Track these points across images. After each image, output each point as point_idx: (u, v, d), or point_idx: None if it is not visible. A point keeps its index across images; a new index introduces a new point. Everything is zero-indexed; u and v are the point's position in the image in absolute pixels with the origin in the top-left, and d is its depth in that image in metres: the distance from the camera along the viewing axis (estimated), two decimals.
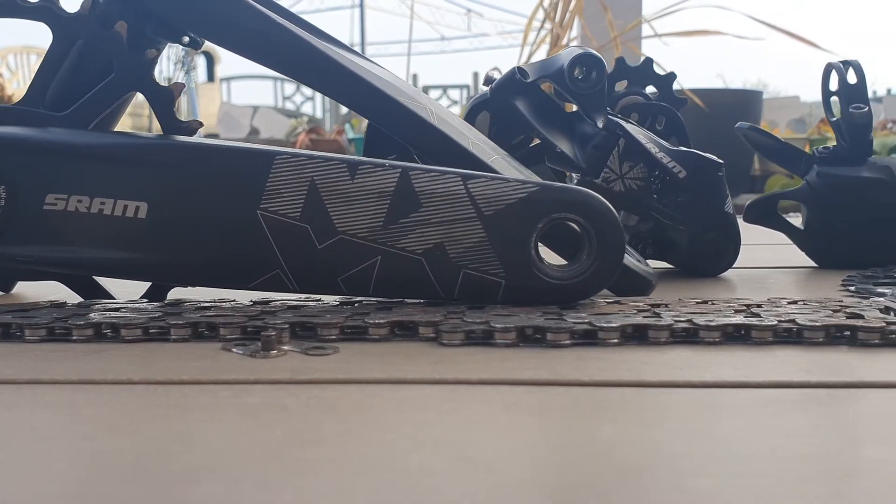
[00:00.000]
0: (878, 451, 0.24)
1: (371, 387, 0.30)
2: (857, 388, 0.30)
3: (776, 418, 0.27)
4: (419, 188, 0.41)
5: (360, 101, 0.45)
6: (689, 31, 1.84)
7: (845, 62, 0.60)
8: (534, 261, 0.41)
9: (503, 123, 0.58)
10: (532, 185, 0.41)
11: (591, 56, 0.56)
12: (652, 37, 1.98)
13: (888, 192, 0.59)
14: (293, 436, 0.25)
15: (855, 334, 0.36)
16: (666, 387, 0.30)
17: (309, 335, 0.38)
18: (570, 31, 1.94)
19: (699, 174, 0.53)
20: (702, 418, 0.27)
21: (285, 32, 0.45)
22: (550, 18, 1.96)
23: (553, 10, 1.95)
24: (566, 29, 1.90)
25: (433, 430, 0.25)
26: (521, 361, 0.34)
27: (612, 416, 0.27)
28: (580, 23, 1.99)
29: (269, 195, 0.41)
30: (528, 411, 0.28)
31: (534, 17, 2.01)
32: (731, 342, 0.37)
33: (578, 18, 1.86)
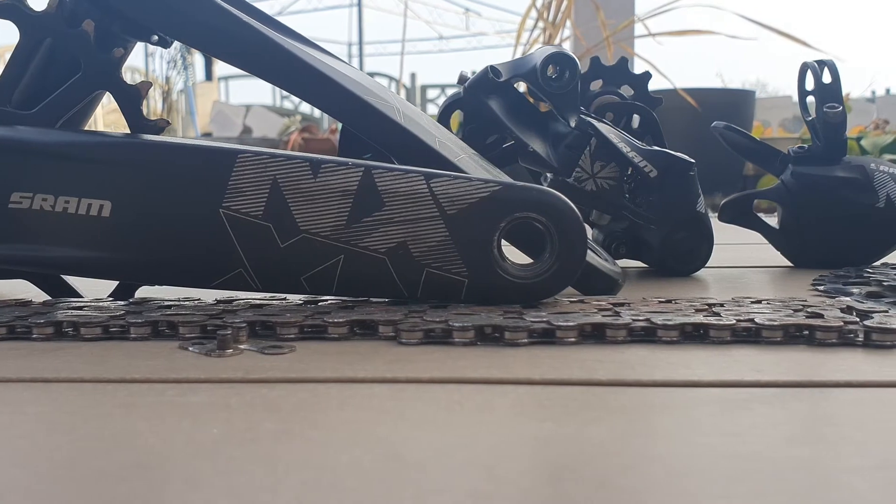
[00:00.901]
0: (811, 450, 0.24)
1: (320, 386, 0.30)
2: (804, 388, 0.30)
3: (717, 417, 0.27)
4: (382, 187, 0.41)
5: (327, 100, 0.45)
6: (682, 31, 1.84)
7: (820, 62, 0.60)
8: (496, 260, 0.41)
9: (476, 122, 0.58)
10: (495, 184, 0.41)
11: (563, 55, 0.56)
12: (644, 36, 1.98)
13: (862, 192, 0.59)
14: (229, 434, 0.25)
15: (813, 334, 0.36)
16: (614, 385, 0.30)
17: (268, 334, 0.38)
18: (562, 31, 1.94)
19: (670, 173, 0.53)
20: (643, 417, 0.27)
21: (251, 31, 0.45)
22: (543, 18, 1.96)
23: (546, 10, 1.95)
24: (559, 28, 1.91)
25: (371, 429, 0.25)
26: (475, 360, 0.34)
27: (552, 414, 0.27)
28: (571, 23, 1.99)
29: (231, 194, 0.41)
30: (471, 410, 0.28)
31: (527, 16, 2.01)
32: (690, 341, 0.37)
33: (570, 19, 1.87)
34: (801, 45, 1.78)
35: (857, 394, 0.29)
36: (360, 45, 5.93)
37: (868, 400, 0.29)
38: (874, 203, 0.59)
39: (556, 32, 1.91)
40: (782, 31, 1.79)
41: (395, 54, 7.02)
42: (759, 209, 0.65)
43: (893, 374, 0.31)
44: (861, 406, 0.28)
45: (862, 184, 0.59)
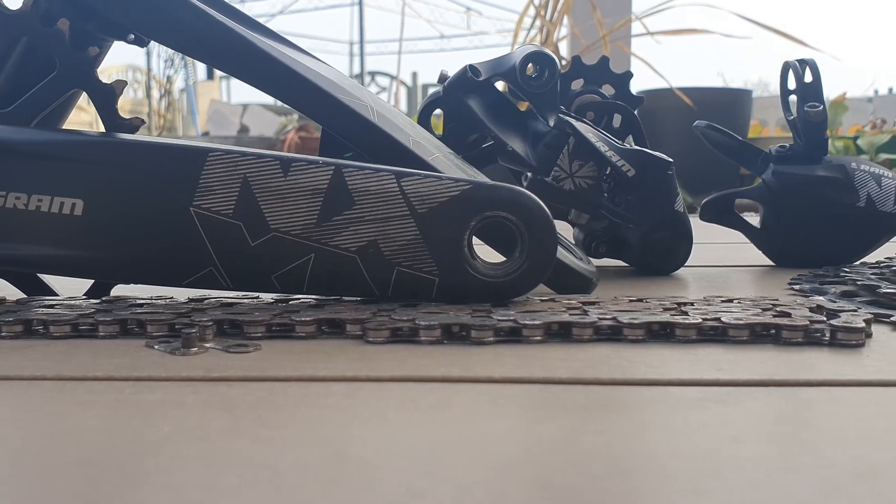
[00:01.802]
0: (755, 449, 0.24)
1: (277, 384, 0.30)
2: (763, 387, 0.30)
3: (670, 416, 0.27)
4: (352, 186, 0.41)
5: (300, 98, 0.45)
6: (677, 30, 1.83)
7: (802, 61, 0.60)
8: (467, 258, 0.41)
9: (456, 121, 0.58)
10: (465, 182, 0.41)
11: (542, 54, 0.56)
12: (641, 35, 1.98)
13: (843, 191, 0.59)
14: (178, 432, 0.25)
15: (779, 333, 0.36)
16: (573, 384, 0.30)
17: (236, 333, 0.38)
18: (559, 30, 1.94)
19: (648, 173, 0.53)
20: (595, 416, 0.27)
21: (225, 30, 0.45)
22: (541, 17, 1.96)
23: (543, 9, 1.95)
24: (555, 27, 1.91)
25: (320, 427, 0.25)
26: (439, 359, 0.34)
27: (506, 412, 0.27)
28: (569, 21, 1.99)
29: (201, 192, 0.41)
30: (425, 408, 0.28)
31: (524, 15, 2.01)
32: (656, 340, 0.37)
33: (567, 17, 1.86)
34: (797, 43, 1.77)
35: (814, 393, 0.29)
36: (361, 44, 5.93)
37: (823, 399, 0.29)
38: (855, 202, 0.59)
39: (554, 31, 1.91)
40: (778, 30, 1.79)
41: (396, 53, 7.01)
42: (741, 208, 0.65)
43: (853, 372, 0.31)
44: (816, 405, 0.28)
45: (843, 183, 0.59)
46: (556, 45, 1.88)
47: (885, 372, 0.32)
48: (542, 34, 1.97)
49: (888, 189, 0.59)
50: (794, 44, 1.84)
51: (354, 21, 5.79)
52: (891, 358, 0.34)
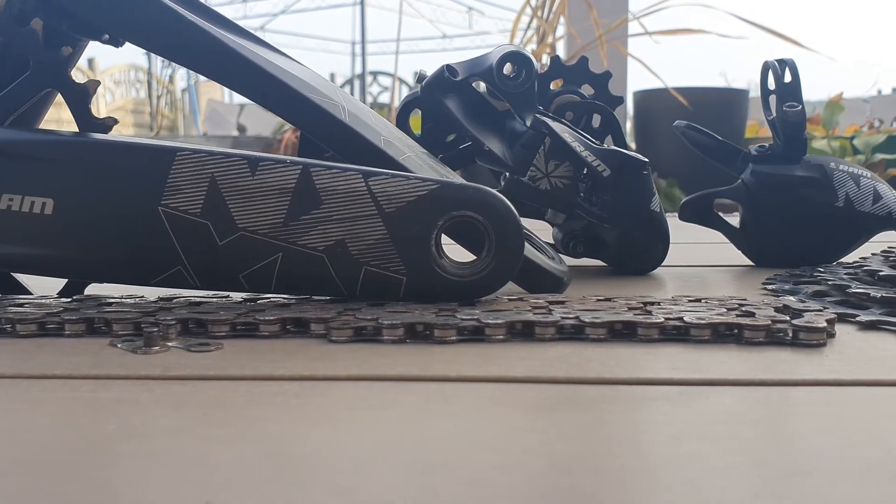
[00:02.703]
0: (690, 448, 0.24)
1: (231, 383, 0.30)
2: (716, 386, 0.30)
3: (616, 415, 0.27)
4: (320, 185, 0.41)
5: (270, 98, 0.46)
6: (673, 30, 1.83)
7: (781, 61, 0.60)
8: (434, 258, 0.41)
9: (434, 121, 0.58)
10: (432, 182, 0.41)
11: (519, 54, 0.56)
12: (638, 35, 1.98)
13: (821, 191, 0.59)
14: (124, 430, 0.25)
15: (741, 333, 0.36)
16: (526, 382, 0.30)
17: (201, 331, 0.39)
18: (555, 30, 1.94)
19: (623, 172, 0.53)
20: (542, 414, 0.27)
21: (197, 31, 0.45)
22: (537, 17, 1.96)
23: (540, 9, 1.95)
24: (552, 27, 1.91)
25: (263, 426, 0.26)
26: (399, 358, 0.34)
27: (454, 410, 0.27)
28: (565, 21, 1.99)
29: (170, 191, 0.41)
30: (374, 406, 0.28)
31: (521, 15, 2.01)
32: (617, 339, 0.37)
33: (563, 17, 1.87)
34: (792, 44, 1.77)
35: (765, 392, 0.29)
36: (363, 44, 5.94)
37: (773, 399, 0.29)
38: (833, 202, 0.59)
39: (550, 31, 1.91)
40: (773, 31, 1.79)
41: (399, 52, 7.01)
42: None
43: (809, 372, 0.32)
44: (764, 405, 0.28)
45: (821, 183, 0.59)
46: (552, 45, 1.88)
47: (841, 372, 0.32)
48: (539, 34, 1.97)
49: (866, 189, 0.59)
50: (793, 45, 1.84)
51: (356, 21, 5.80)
52: (850, 358, 0.34)
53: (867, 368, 0.32)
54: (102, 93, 4.71)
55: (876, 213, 0.59)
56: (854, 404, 0.28)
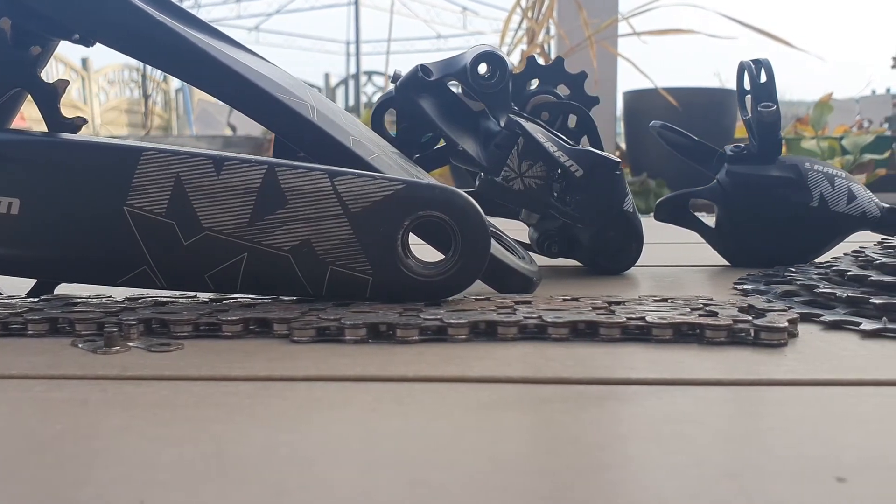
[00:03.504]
0: (635, 448, 0.24)
1: (185, 383, 0.30)
2: (669, 386, 0.30)
3: (564, 414, 0.27)
4: (285, 185, 0.41)
5: (238, 97, 0.45)
6: (663, 30, 1.84)
7: (756, 61, 0.60)
8: (400, 257, 0.41)
9: (408, 121, 0.58)
10: (398, 182, 0.41)
11: (493, 54, 0.56)
12: (628, 35, 1.98)
13: (796, 191, 0.59)
14: (70, 430, 0.25)
15: (703, 332, 0.36)
16: (482, 382, 0.30)
17: (164, 331, 0.38)
18: (544, 30, 1.94)
19: (596, 173, 0.53)
20: (492, 414, 0.27)
21: (165, 30, 0.45)
22: (527, 17, 1.96)
23: (530, 10, 1.96)
24: (541, 27, 1.91)
25: (210, 426, 0.26)
26: (358, 358, 0.34)
27: (406, 410, 0.27)
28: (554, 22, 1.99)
29: (135, 191, 0.41)
30: (325, 407, 0.28)
31: (511, 15, 2.01)
32: (580, 339, 0.37)
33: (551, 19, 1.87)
34: (782, 44, 1.77)
35: (718, 392, 0.29)
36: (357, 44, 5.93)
37: (725, 398, 0.29)
38: (808, 202, 0.59)
39: (539, 31, 1.91)
40: (764, 31, 1.79)
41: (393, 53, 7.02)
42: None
43: (766, 372, 0.32)
44: (714, 404, 0.28)
45: (796, 183, 0.59)
46: (541, 45, 1.88)
47: (797, 371, 0.32)
48: (529, 35, 1.97)
49: (841, 189, 0.59)
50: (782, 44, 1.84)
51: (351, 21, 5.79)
52: (809, 358, 0.34)
53: (824, 368, 0.32)
54: (97, 92, 4.71)
55: (850, 213, 0.59)
56: (806, 404, 0.28)
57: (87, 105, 4.60)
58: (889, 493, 0.20)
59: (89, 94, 4.62)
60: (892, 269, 0.44)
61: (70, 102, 4.47)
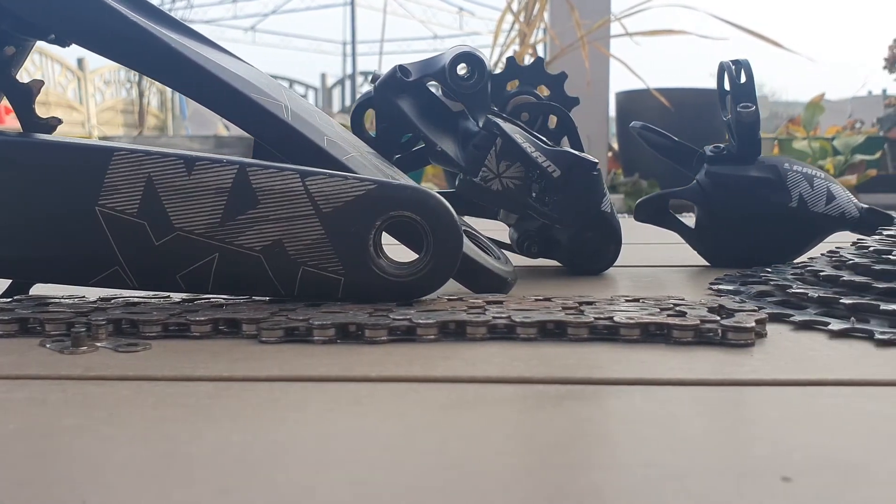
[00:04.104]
0: (580, 450, 0.24)
1: (146, 383, 0.30)
2: (628, 385, 0.30)
3: (518, 414, 0.27)
4: (256, 185, 0.41)
5: (211, 97, 0.45)
6: (655, 31, 1.84)
7: (736, 62, 0.60)
8: (372, 258, 0.41)
9: (387, 122, 0.58)
10: (370, 182, 0.41)
11: (471, 55, 0.56)
12: (620, 36, 1.98)
13: (775, 191, 0.59)
14: (23, 429, 0.25)
15: (670, 332, 0.36)
16: (444, 382, 0.30)
17: (134, 332, 0.38)
18: (536, 31, 1.95)
19: (573, 173, 0.53)
20: (445, 414, 0.27)
21: (138, 30, 0.45)
22: (518, 19, 1.96)
23: (522, 11, 1.96)
24: (532, 28, 1.91)
25: (164, 427, 0.26)
26: (324, 358, 0.34)
27: (362, 411, 0.27)
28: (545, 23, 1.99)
29: (107, 191, 0.41)
30: (283, 407, 0.28)
31: (503, 17, 2.01)
32: (547, 338, 0.37)
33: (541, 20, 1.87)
34: (773, 45, 1.78)
35: (678, 392, 0.29)
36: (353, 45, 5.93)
37: (683, 398, 0.29)
38: (787, 202, 0.59)
39: (531, 32, 1.91)
40: (755, 32, 1.79)
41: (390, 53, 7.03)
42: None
43: (729, 372, 0.32)
44: (668, 404, 0.28)
45: (775, 183, 0.59)
46: (533, 46, 1.88)
47: (760, 371, 0.32)
48: (521, 36, 1.97)
49: (820, 189, 0.59)
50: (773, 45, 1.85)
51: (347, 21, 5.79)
52: (774, 358, 0.34)
53: (788, 368, 0.32)
54: (93, 93, 4.70)
55: (829, 214, 0.59)
56: (763, 404, 0.28)
57: (82, 105, 4.60)
58: (831, 493, 0.20)
59: (85, 94, 4.62)
60: (865, 270, 0.44)
61: (66, 103, 4.47)
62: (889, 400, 0.29)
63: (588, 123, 2.25)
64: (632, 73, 1.83)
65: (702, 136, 0.66)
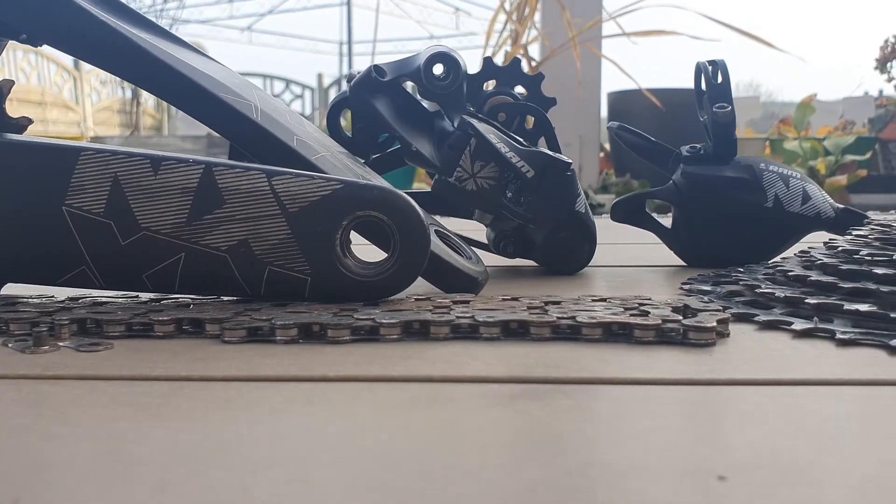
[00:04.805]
0: (523, 449, 0.24)
1: (104, 383, 0.30)
2: (581, 385, 0.30)
3: (464, 414, 0.27)
4: (222, 184, 0.41)
5: (180, 97, 0.46)
6: (646, 32, 1.84)
7: (712, 62, 0.61)
8: (339, 257, 0.41)
9: (364, 122, 0.58)
10: (336, 182, 0.41)
11: (446, 55, 0.56)
12: (612, 36, 1.98)
13: (750, 192, 0.59)
14: None
15: (632, 332, 0.36)
16: (401, 381, 0.30)
17: (98, 331, 0.38)
18: (528, 31, 1.95)
19: (547, 174, 0.53)
20: (394, 414, 0.27)
21: (108, 30, 0.45)
22: (510, 20, 1.97)
23: (514, 11, 1.96)
24: (524, 28, 1.91)
25: (111, 426, 0.26)
26: (284, 358, 0.34)
27: (312, 410, 0.27)
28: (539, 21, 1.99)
29: (73, 191, 0.41)
30: (234, 408, 0.28)
31: (496, 17, 2.01)
32: (511, 338, 0.37)
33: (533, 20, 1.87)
34: (765, 45, 1.78)
35: (630, 391, 0.29)
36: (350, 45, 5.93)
37: (636, 397, 0.29)
38: (762, 203, 0.59)
39: (522, 32, 1.92)
40: (747, 32, 1.80)
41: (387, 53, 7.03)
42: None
43: (685, 371, 0.32)
44: (623, 403, 0.28)
45: (750, 183, 0.59)
46: (524, 47, 1.88)
47: (716, 371, 0.32)
48: (513, 36, 1.97)
49: (796, 190, 0.60)
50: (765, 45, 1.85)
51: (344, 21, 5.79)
52: (733, 358, 0.34)
53: (745, 368, 0.32)
54: (88, 92, 4.70)
55: (805, 214, 0.60)
56: (715, 403, 0.29)
57: (78, 105, 4.60)
58: (763, 492, 0.20)
59: (81, 94, 4.61)
60: (833, 270, 0.44)
61: (62, 103, 4.47)
62: (841, 399, 0.29)
63: (580, 124, 2.25)
64: (623, 73, 1.83)
65: (693, 135, 0.66)
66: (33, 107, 4.53)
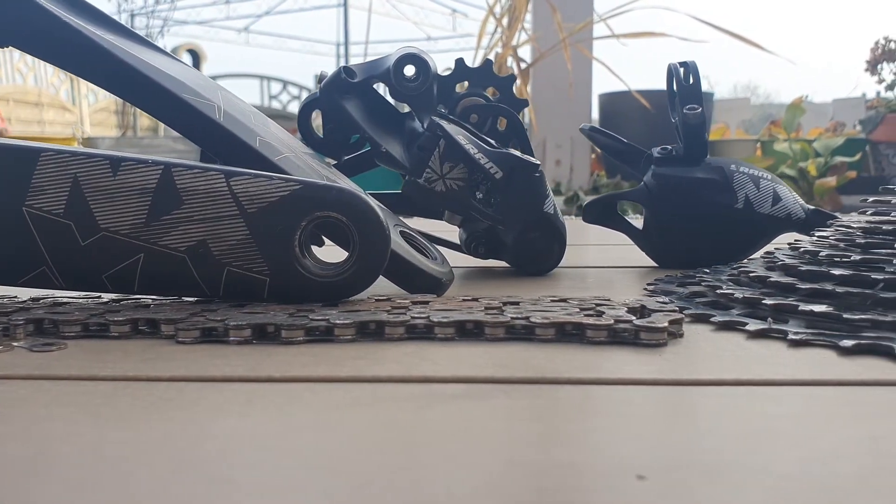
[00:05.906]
0: (475, 449, 0.24)
1: (50, 383, 0.31)
2: (532, 384, 0.30)
3: (409, 413, 0.27)
4: (181, 185, 0.41)
5: (142, 98, 0.46)
6: (636, 34, 1.84)
7: (683, 63, 0.61)
8: (297, 258, 0.41)
9: (334, 123, 0.58)
10: (295, 183, 0.41)
11: (416, 56, 0.56)
12: (603, 38, 1.99)
13: (721, 193, 0.59)
14: None
15: (584, 332, 0.37)
16: (347, 382, 0.31)
17: (55, 331, 0.39)
18: (518, 34, 1.95)
19: (515, 175, 0.54)
20: (339, 413, 0.27)
21: (71, 31, 0.45)
22: (500, 23, 1.97)
23: (504, 14, 1.96)
24: (514, 31, 1.91)
25: (45, 425, 0.26)
26: (234, 359, 0.34)
27: (250, 410, 0.27)
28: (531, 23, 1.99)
29: (34, 192, 0.41)
30: (173, 407, 0.28)
31: (488, 18, 2.01)
32: (466, 338, 0.37)
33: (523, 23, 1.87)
34: (754, 47, 1.78)
35: (571, 391, 0.30)
36: (346, 46, 5.93)
37: (576, 397, 0.29)
38: (733, 204, 0.59)
39: (512, 35, 1.92)
40: (736, 34, 1.80)
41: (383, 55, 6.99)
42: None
43: (630, 371, 0.32)
44: (564, 403, 0.28)
45: (721, 185, 0.59)
46: (514, 48, 1.88)
47: (662, 372, 0.32)
48: (503, 38, 1.97)
49: (766, 191, 0.60)
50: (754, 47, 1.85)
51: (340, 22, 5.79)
52: (682, 358, 0.34)
53: (692, 369, 0.33)
54: (85, 93, 4.70)
55: (775, 215, 0.60)
56: (653, 403, 0.29)
57: (75, 106, 4.60)
58: (678, 491, 0.21)
59: (78, 94, 4.61)
60: (793, 271, 0.44)
61: (59, 104, 4.47)
62: (780, 400, 0.29)
63: (571, 125, 2.25)
64: (613, 74, 1.83)
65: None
66: (30, 108, 4.53)
